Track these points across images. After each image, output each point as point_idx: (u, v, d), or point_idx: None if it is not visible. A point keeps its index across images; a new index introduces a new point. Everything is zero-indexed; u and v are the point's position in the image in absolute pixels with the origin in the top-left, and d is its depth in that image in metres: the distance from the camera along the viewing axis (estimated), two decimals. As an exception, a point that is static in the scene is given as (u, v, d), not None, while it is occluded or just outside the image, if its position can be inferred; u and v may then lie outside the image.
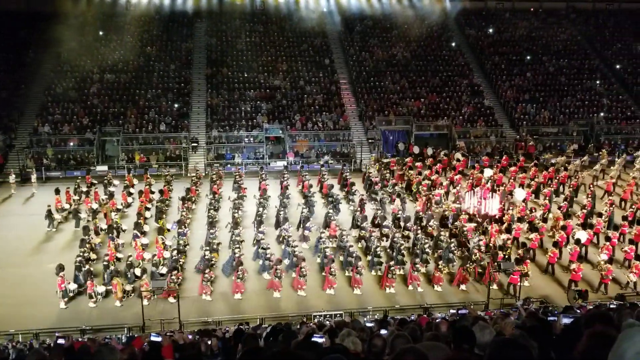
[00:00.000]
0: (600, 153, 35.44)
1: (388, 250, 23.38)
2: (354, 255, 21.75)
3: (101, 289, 19.92)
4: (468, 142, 38.87)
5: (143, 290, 18.94)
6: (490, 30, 48.96)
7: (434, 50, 46.54)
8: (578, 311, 11.30)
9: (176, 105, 39.30)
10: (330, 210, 26.09)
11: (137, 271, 20.85)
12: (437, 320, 9.97)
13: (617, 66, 46.31)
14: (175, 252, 21.61)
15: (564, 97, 43.08)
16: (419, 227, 24.79)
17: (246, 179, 31.33)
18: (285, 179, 30.57)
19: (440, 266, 21.50)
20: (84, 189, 29.09)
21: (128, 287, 20.12)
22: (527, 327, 5.44)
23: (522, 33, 48.90)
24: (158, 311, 18.98)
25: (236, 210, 26.02)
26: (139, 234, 23.36)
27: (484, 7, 51.01)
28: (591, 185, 29.51)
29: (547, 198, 27.87)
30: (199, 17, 46.88)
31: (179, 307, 17.91)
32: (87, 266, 20.61)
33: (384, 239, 24.34)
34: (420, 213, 26.40)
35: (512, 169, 32.63)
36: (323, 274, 21.39)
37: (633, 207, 26.77)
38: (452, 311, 17.10)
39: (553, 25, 50.36)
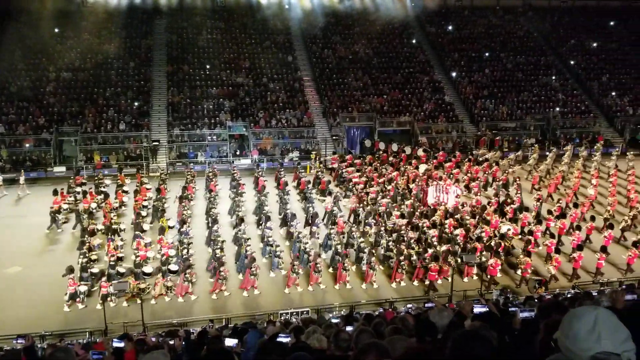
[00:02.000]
0: (533, 148, 36.61)
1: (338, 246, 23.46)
2: (366, 250, 21.89)
3: (112, 289, 19.56)
4: (430, 137, 39.43)
5: (157, 288, 19.39)
6: (450, 28, 49.76)
7: (395, 48, 47.02)
8: (537, 301, 11.66)
9: (136, 104, 38.55)
10: (335, 208, 26.24)
11: (148, 269, 20.68)
12: (401, 314, 10.12)
13: (572, 62, 47.75)
14: (185, 251, 21.49)
15: (521, 92, 44.18)
16: (353, 225, 24.77)
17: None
18: (282, 175, 30.83)
19: (386, 263, 21.89)
20: (78, 189, 28.75)
21: (142, 285, 19.96)
22: (487, 318, 5.57)
23: (481, 30, 49.97)
24: (122, 314, 18.67)
25: (237, 207, 26.13)
26: (140, 234, 23.13)
27: (444, 5, 51.73)
28: (518, 179, 30.21)
29: (478, 193, 28.63)
30: (158, 14, 46.10)
31: (142, 310, 17.62)
32: (94, 267, 20.53)
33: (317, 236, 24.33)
34: (358, 210, 26.31)
35: (448, 164, 33.14)
36: (330, 270, 21.66)
37: (560, 201, 27.25)
38: (409, 305, 17.38)
39: (510, 22, 51.61)
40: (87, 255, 21.15)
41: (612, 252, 22.45)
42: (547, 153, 35.72)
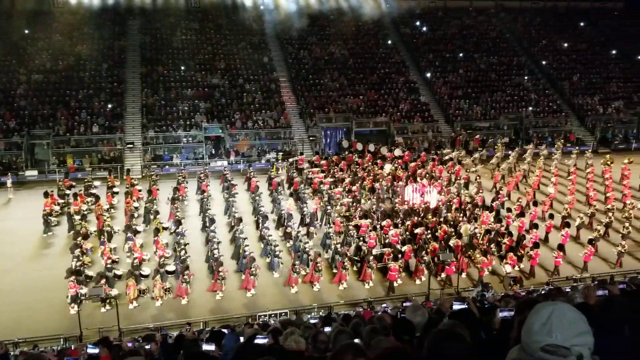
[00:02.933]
0: (496, 147, 37.04)
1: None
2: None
3: (114, 292, 19.62)
4: (406, 138, 39.70)
5: (156, 290, 19.44)
6: (424, 29, 50.20)
7: (370, 48, 47.25)
8: (513, 301, 11.80)
9: (109, 106, 37.98)
10: (329, 207, 26.27)
11: (145, 271, 20.69)
12: (378, 314, 10.16)
13: (543, 62, 48.59)
14: (182, 252, 21.41)
15: (495, 92, 44.78)
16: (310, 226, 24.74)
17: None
18: (277, 175, 30.88)
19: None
20: (67, 192, 28.49)
21: (142, 286, 19.99)
22: (464, 315, 5.62)
23: (454, 31, 50.54)
24: (97, 320, 18.39)
25: (232, 208, 26.17)
26: (133, 236, 23.02)
27: (418, 6, 52.16)
28: (478, 178, 30.56)
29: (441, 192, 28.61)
30: (131, 15, 45.53)
31: (117, 315, 17.39)
32: (87, 271, 20.44)
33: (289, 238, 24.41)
34: (322, 210, 26.31)
35: (412, 164, 33.20)
36: (334, 270, 21.73)
37: (520, 200, 27.55)
38: (384, 305, 17.46)
39: (483, 23, 52.32)
40: (80, 258, 20.98)
41: (571, 249, 22.96)
42: (510, 152, 36.17)
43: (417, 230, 23.34)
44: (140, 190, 28.70)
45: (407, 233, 23.58)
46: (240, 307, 19.58)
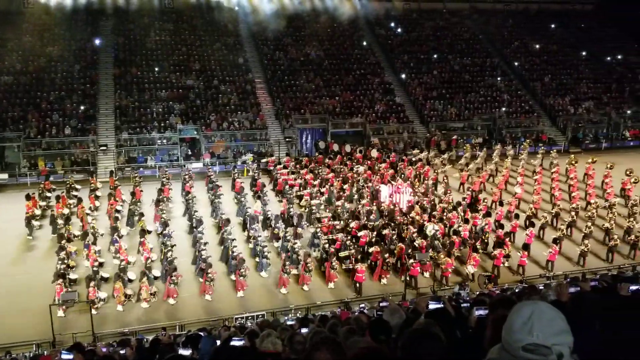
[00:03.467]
0: (465, 147, 37.43)
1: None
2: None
3: (103, 294, 19.45)
4: (382, 138, 39.92)
5: (143, 292, 19.35)
6: (399, 30, 50.56)
7: (346, 49, 47.40)
8: (488, 299, 11.94)
9: (82, 108, 37.37)
10: (321, 207, 26.27)
11: (131, 275, 20.51)
12: (355, 314, 10.19)
13: (516, 63, 49.37)
14: (169, 254, 21.24)
15: (469, 93, 45.33)
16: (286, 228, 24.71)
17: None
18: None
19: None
20: (48, 194, 28.16)
21: (129, 291, 19.79)
22: (435, 314, 5.66)
23: (429, 33, 51.01)
24: (81, 324, 18.05)
25: (218, 209, 26.08)
26: (119, 238, 22.79)
27: (392, 8, 52.49)
28: (445, 178, 30.85)
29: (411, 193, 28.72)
30: (104, 15, 44.87)
31: (92, 320, 17.11)
32: (72, 274, 20.23)
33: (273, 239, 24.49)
34: (290, 212, 26.23)
35: (383, 165, 33.23)
36: (322, 270, 21.82)
37: (485, 200, 27.79)
38: (362, 305, 17.52)
39: (457, 25, 52.91)
40: (65, 261, 20.70)
41: (535, 249, 23.38)
42: (478, 153, 36.52)
43: (385, 232, 23.32)
44: (123, 193, 28.43)
45: (375, 234, 23.48)
46: (231, 308, 19.52)
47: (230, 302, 20.10)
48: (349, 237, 23.08)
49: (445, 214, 25.90)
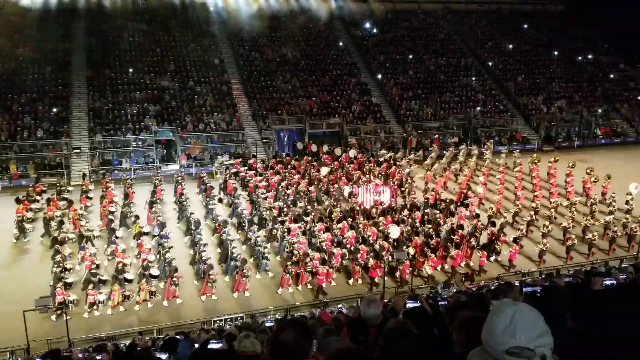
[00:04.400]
0: (432, 148, 37.59)
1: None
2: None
3: (102, 297, 19.21)
4: (359, 139, 40.07)
5: (142, 294, 19.27)
6: (375, 31, 50.81)
7: (322, 50, 47.46)
8: (464, 297, 12.07)
9: (55, 110, 36.72)
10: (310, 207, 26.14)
11: (129, 276, 20.32)
12: (334, 315, 10.21)
13: (490, 63, 50.03)
14: (168, 254, 21.06)
15: (444, 93, 45.77)
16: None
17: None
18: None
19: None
20: (37, 197, 27.82)
21: (127, 292, 19.55)
22: (413, 313, 5.70)
23: (404, 33, 51.37)
24: (44, 331, 17.71)
25: (215, 211, 25.91)
26: (116, 240, 22.66)
27: (368, 9, 52.72)
28: (409, 178, 30.87)
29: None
30: (76, 16, 44.14)
31: (67, 325, 16.82)
32: (69, 277, 20.03)
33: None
34: (247, 216, 25.93)
35: (351, 165, 32.93)
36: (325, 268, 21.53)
37: (447, 200, 27.84)
38: (339, 305, 17.55)
39: (431, 25, 53.42)
40: (61, 264, 20.43)
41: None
42: (445, 152, 36.71)
43: (348, 234, 23.12)
44: (115, 194, 28.18)
45: (340, 235, 23.28)
46: (232, 308, 19.47)
47: (231, 302, 20.10)
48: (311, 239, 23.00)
49: (408, 214, 25.59)
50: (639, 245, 24.21)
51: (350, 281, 21.60)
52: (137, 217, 24.96)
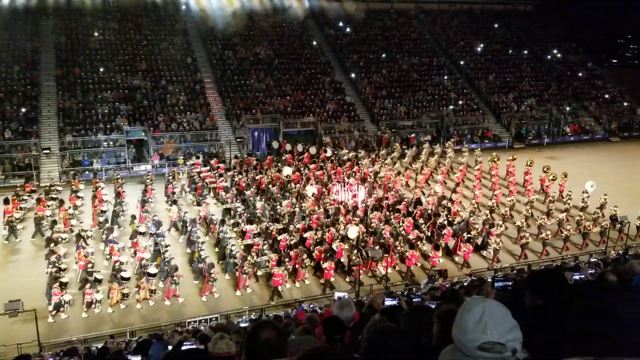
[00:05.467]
0: (395, 146, 37.76)
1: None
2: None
3: (99, 295, 18.98)
4: (333, 137, 40.15)
5: (142, 292, 19.22)
6: (348, 30, 50.97)
7: (296, 49, 47.41)
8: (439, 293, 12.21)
9: (23, 110, 35.92)
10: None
11: (126, 274, 20.02)
12: (309, 314, 10.22)
13: (461, 62, 50.61)
14: (167, 253, 20.95)
15: (417, 92, 46.17)
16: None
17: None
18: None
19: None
20: (25, 197, 27.40)
21: (125, 290, 19.37)
22: (387, 311, 5.74)
23: (377, 32, 51.66)
24: (13, 334, 17.31)
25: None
26: (114, 238, 22.48)
27: (341, 8, 52.83)
28: (369, 179, 30.57)
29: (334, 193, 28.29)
30: (44, 14, 43.24)
31: (37, 330, 16.48)
32: (64, 277, 19.61)
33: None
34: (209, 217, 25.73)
35: (312, 166, 32.56)
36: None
37: (406, 200, 27.40)
38: (312, 305, 17.57)
39: (404, 25, 53.84)
40: (56, 264, 20.08)
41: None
42: (406, 151, 36.75)
43: (307, 235, 22.81)
44: (105, 194, 27.84)
45: (298, 236, 22.99)
46: (234, 305, 19.44)
47: (231, 299, 20.09)
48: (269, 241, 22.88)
49: (367, 215, 25.17)
50: (604, 241, 24.70)
51: (297, 284, 21.18)
52: (133, 216, 24.87)
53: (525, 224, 25.25)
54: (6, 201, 25.94)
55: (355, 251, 21.99)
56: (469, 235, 23.52)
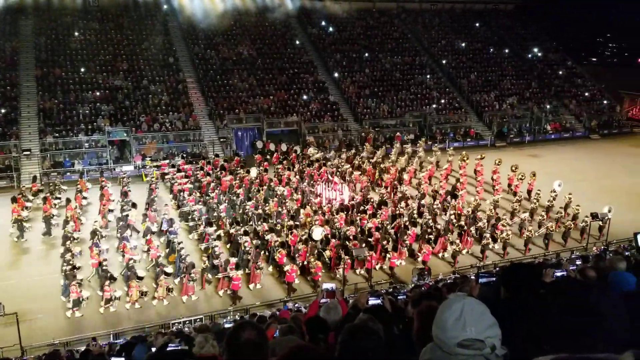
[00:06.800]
0: (365, 146, 37.52)
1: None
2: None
3: (118, 293, 19.06)
4: (317, 137, 40.16)
5: (160, 290, 19.31)
6: (331, 29, 51.01)
7: (279, 49, 47.32)
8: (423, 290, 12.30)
9: (2, 111, 35.39)
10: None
11: (141, 273, 20.15)
12: (293, 314, 10.24)
13: (443, 61, 50.95)
14: (182, 251, 20.96)
15: (400, 91, 46.36)
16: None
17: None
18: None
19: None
20: (31, 197, 27.73)
21: (144, 288, 19.46)
22: (374, 310, 5.77)
23: (359, 32, 51.78)
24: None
25: (216, 207, 25.67)
26: (129, 237, 22.56)
27: (323, 7, 52.86)
28: (334, 178, 30.33)
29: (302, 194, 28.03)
30: (23, 14, 42.63)
31: (19, 333, 16.27)
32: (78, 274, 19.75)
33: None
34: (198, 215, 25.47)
35: (280, 166, 32.23)
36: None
37: (372, 200, 26.99)
38: (297, 305, 17.58)
39: (386, 24, 54.03)
40: (70, 262, 20.06)
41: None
42: (376, 151, 36.56)
43: (268, 237, 22.58)
44: (111, 193, 27.82)
45: (259, 238, 22.93)
46: (249, 301, 19.65)
47: (247, 294, 20.25)
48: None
49: (332, 215, 25.04)
50: (584, 238, 24.99)
51: (258, 286, 21.08)
52: (144, 215, 24.90)
53: (486, 225, 24.63)
54: (13, 199, 25.89)
55: (316, 252, 21.88)
56: (438, 234, 23.66)
